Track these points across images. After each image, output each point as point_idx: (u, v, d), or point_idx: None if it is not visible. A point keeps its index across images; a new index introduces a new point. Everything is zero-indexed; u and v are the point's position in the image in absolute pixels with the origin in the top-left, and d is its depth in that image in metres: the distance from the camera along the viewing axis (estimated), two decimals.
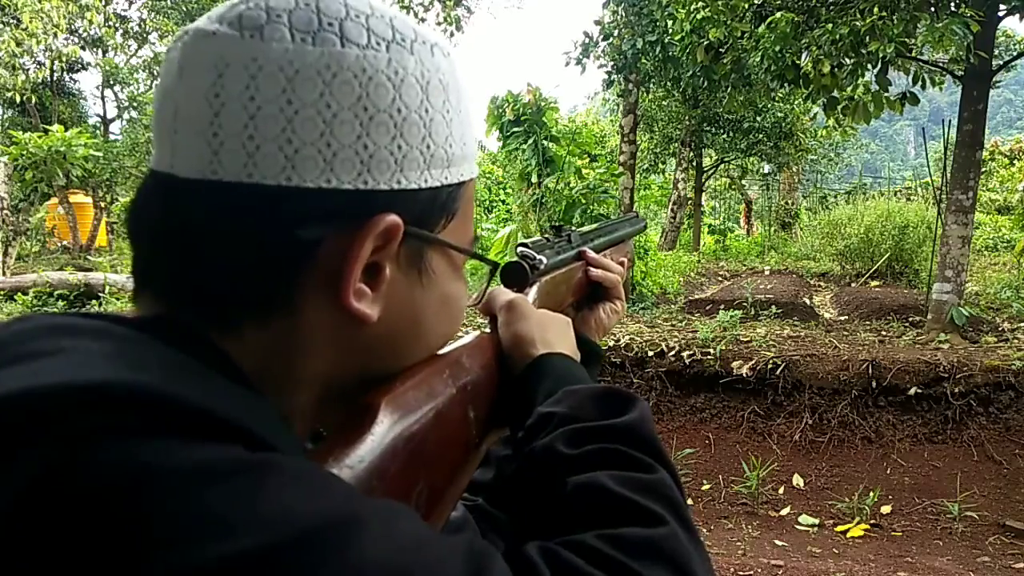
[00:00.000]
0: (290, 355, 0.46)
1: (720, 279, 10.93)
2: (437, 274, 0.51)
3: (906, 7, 5.35)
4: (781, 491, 4.53)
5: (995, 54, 6.15)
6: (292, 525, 0.32)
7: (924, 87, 6.24)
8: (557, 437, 0.52)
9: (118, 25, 17.50)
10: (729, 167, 17.78)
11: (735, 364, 5.06)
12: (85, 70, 19.00)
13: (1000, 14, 5.84)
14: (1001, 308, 6.98)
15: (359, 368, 0.49)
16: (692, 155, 15.11)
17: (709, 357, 5.13)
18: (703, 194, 17.19)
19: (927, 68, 6.23)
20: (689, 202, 15.51)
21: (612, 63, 10.06)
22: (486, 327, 0.70)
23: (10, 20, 13.12)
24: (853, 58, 5.68)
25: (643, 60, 9.83)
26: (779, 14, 5.74)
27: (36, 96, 15.23)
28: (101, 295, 7.55)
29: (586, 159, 8.62)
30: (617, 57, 9.83)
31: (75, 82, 20.41)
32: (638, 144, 11.74)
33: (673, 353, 5.21)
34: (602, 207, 7.87)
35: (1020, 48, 13.76)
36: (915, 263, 9.54)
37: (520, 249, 0.77)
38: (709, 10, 6.29)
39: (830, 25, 5.51)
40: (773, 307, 6.85)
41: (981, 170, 6.44)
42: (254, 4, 0.44)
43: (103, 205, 12.11)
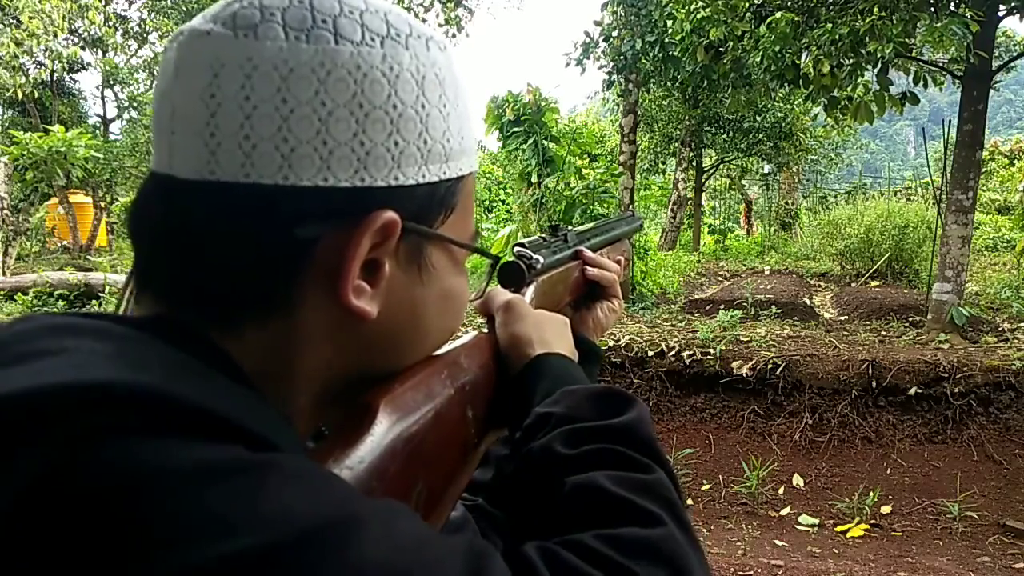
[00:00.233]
0: (290, 353, 0.46)
1: (720, 279, 10.92)
2: (437, 269, 0.51)
3: (906, 7, 5.35)
4: (781, 491, 4.53)
5: (995, 54, 6.15)
6: (292, 525, 0.32)
7: (926, 86, 6.24)
8: (555, 437, 0.52)
9: (118, 25, 17.49)
10: (729, 167, 17.77)
11: (735, 364, 5.06)
12: (85, 70, 18.99)
13: (1000, 14, 5.83)
14: (1001, 308, 6.98)
15: (360, 365, 0.49)
16: (692, 155, 15.11)
17: (709, 357, 5.13)
18: (703, 194, 17.19)
19: (927, 68, 6.22)
20: (689, 202, 15.51)
21: (612, 64, 10.07)
22: (484, 327, 0.70)
23: (10, 20, 13.12)
24: (853, 58, 5.68)
25: (643, 60, 9.83)
26: (779, 14, 5.74)
27: (36, 96, 15.23)
28: (101, 295, 7.54)
29: (586, 159, 8.62)
30: (617, 58, 9.83)
31: (75, 82, 20.40)
32: (638, 144, 11.74)
33: (673, 353, 5.21)
34: (602, 207, 7.86)
35: (1020, 48, 13.76)
36: (915, 263, 9.54)
37: (517, 249, 0.77)
38: (709, 10, 6.29)
39: (830, 25, 5.50)
40: (773, 307, 6.85)
41: (981, 170, 6.44)
42: (248, 3, 0.44)
43: (103, 205, 12.10)
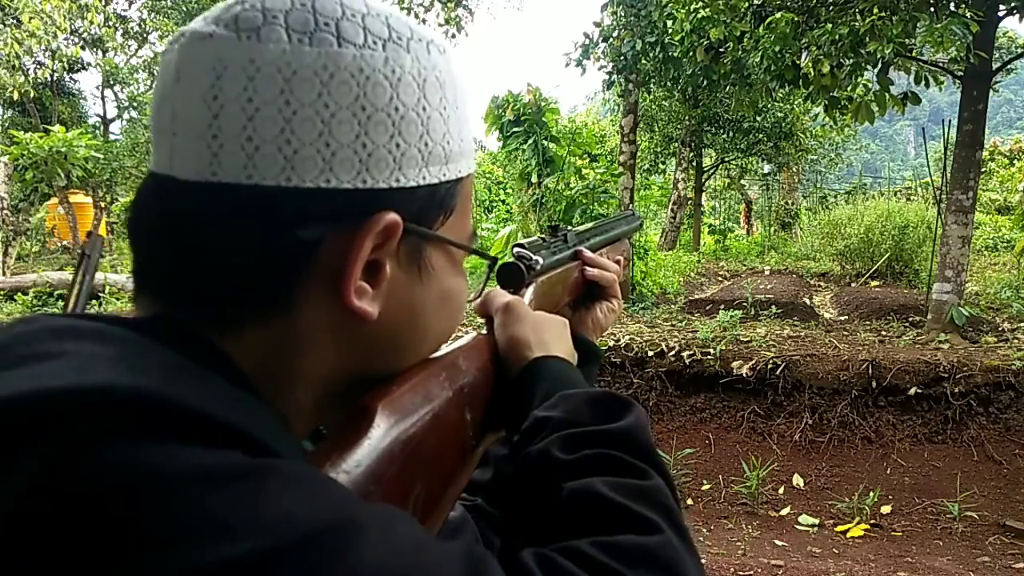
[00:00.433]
0: (291, 354, 0.46)
1: (720, 279, 10.92)
2: (436, 270, 0.52)
3: (906, 7, 5.34)
4: (781, 491, 4.53)
5: (995, 55, 6.15)
6: (292, 529, 0.32)
7: (928, 86, 6.23)
8: (553, 442, 0.52)
9: (118, 25, 17.49)
10: (729, 167, 17.76)
11: (735, 364, 5.06)
12: (85, 70, 19.02)
13: (1000, 14, 5.83)
14: (1001, 308, 6.98)
15: (360, 366, 0.50)
16: (692, 155, 15.10)
17: (709, 357, 5.13)
18: (703, 194, 17.18)
19: (927, 68, 6.22)
20: (689, 202, 15.50)
21: (612, 64, 10.06)
22: (483, 328, 0.70)
23: (10, 20, 13.12)
24: (853, 58, 5.68)
25: (643, 61, 9.83)
26: (779, 14, 5.74)
27: (36, 96, 15.23)
28: (101, 295, 7.54)
29: (586, 159, 8.62)
30: (617, 58, 9.83)
31: (75, 82, 20.41)
32: (638, 144, 11.74)
33: (673, 353, 5.21)
34: (602, 207, 7.86)
35: (1020, 48, 13.76)
36: (915, 263, 9.53)
37: (516, 250, 0.77)
38: (709, 10, 6.29)
39: (830, 25, 5.50)
40: (773, 307, 6.85)
41: (981, 170, 6.43)
42: (250, 5, 0.44)
43: (103, 205, 12.09)
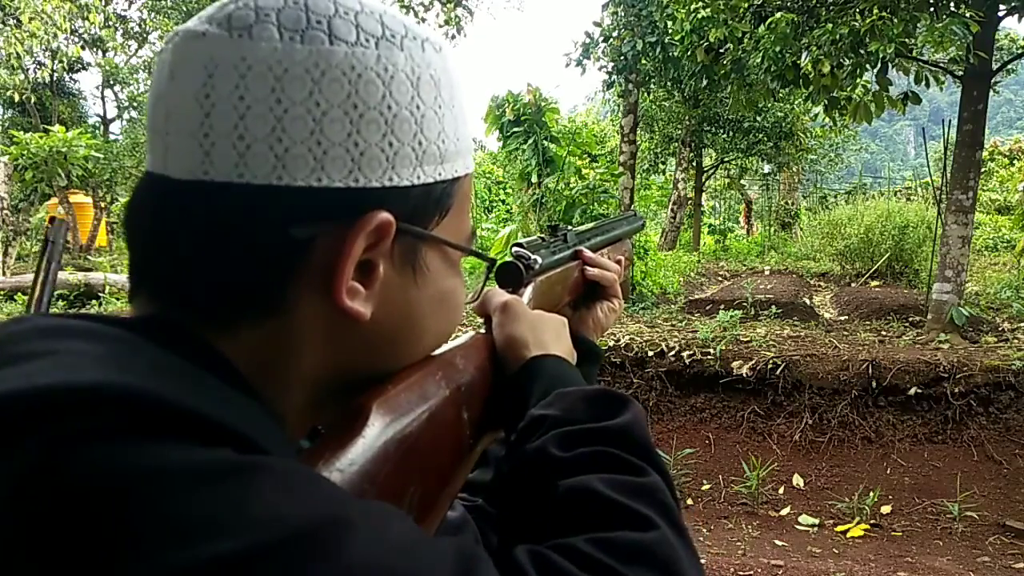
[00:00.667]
0: (285, 354, 0.46)
1: (720, 279, 10.92)
2: (432, 271, 0.51)
3: (906, 7, 5.34)
4: (781, 491, 4.53)
5: (995, 55, 6.15)
6: (282, 526, 0.32)
7: (928, 86, 6.23)
8: (549, 440, 0.52)
9: (118, 25, 17.51)
10: (729, 167, 17.76)
11: (735, 364, 5.05)
12: (85, 70, 19.02)
13: (1000, 14, 5.83)
14: (1001, 308, 6.97)
15: (355, 366, 0.49)
16: (692, 155, 15.11)
17: (709, 357, 5.13)
18: (703, 194, 17.19)
19: (927, 68, 6.22)
20: (689, 202, 15.51)
21: (612, 64, 10.07)
22: (482, 327, 0.70)
23: (10, 21, 13.12)
24: (853, 58, 5.68)
25: (643, 61, 9.84)
26: (779, 14, 5.74)
27: (36, 96, 15.24)
28: (101, 295, 7.55)
29: (586, 159, 8.63)
30: (617, 58, 9.84)
31: (75, 82, 20.43)
32: (638, 144, 11.75)
33: (673, 353, 5.21)
34: (602, 207, 7.87)
35: (1020, 48, 13.75)
36: (915, 263, 9.53)
37: (515, 249, 0.77)
38: (709, 10, 6.29)
39: (830, 25, 5.50)
40: (773, 307, 6.85)
41: (981, 170, 6.43)
42: (243, 3, 0.44)
43: (103, 205, 12.11)
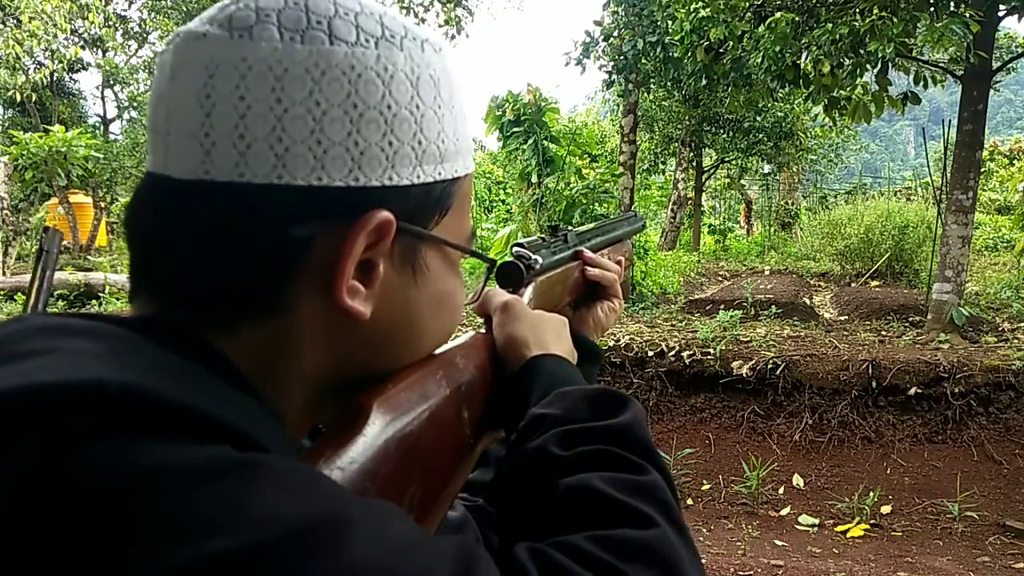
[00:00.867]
0: (285, 353, 0.46)
1: (720, 279, 10.92)
2: (431, 271, 0.51)
3: (906, 7, 5.34)
4: (781, 491, 4.53)
5: (995, 54, 6.15)
6: (282, 524, 0.32)
7: (926, 86, 6.23)
8: (549, 439, 0.52)
9: (118, 25, 17.51)
10: (729, 167, 17.77)
11: (735, 364, 5.05)
12: (85, 70, 19.02)
13: (1000, 14, 5.83)
14: (1001, 308, 6.97)
15: (355, 366, 0.49)
16: (692, 155, 15.11)
17: (709, 357, 5.13)
18: (703, 194, 17.19)
19: (927, 68, 6.22)
20: (689, 202, 15.51)
21: (612, 63, 10.06)
22: (483, 327, 0.70)
23: (10, 21, 13.12)
24: (853, 58, 5.68)
25: (643, 60, 9.82)
26: (779, 14, 5.74)
27: (36, 96, 15.24)
28: (101, 295, 7.55)
29: (586, 159, 8.63)
30: (617, 58, 9.83)
31: (75, 82, 20.42)
32: (638, 144, 11.74)
33: (673, 353, 5.21)
34: (602, 207, 7.87)
35: (1020, 48, 13.75)
36: (915, 263, 9.53)
37: (515, 249, 0.77)
38: (709, 10, 6.29)
39: (830, 25, 5.50)
40: (773, 307, 6.84)
41: (981, 170, 6.43)
42: (244, 4, 0.44)
43: (103, 205, 12.11)
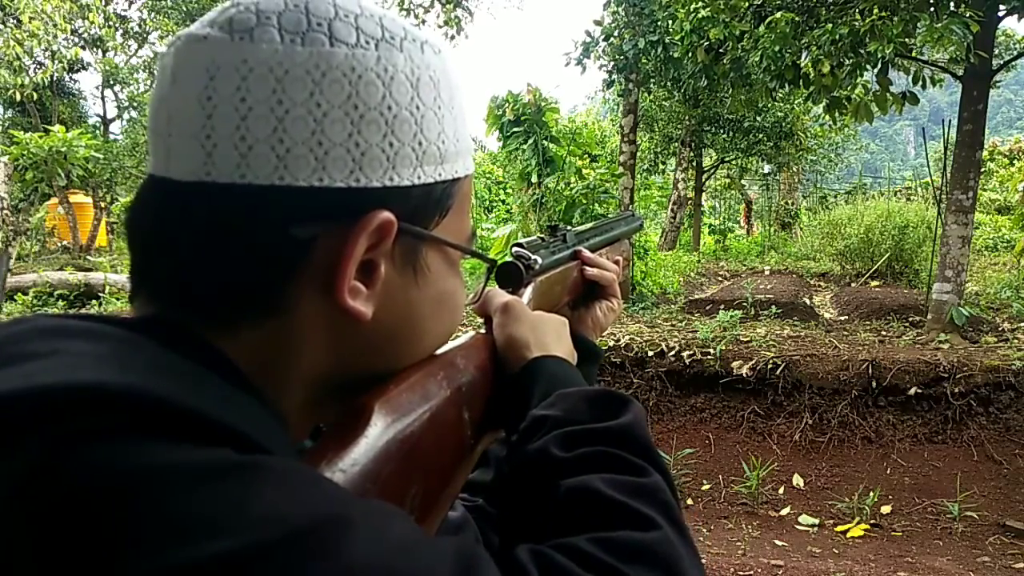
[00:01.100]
0: (286, 353, 0.46)
1: (720, 279, 10.92)
2: (432, 271, 0.51)
3: (906, 7, 5.34)
4: (781, 491, 4.53)
5: (995, 54, 6.15)
6: (283, 525, 0.32)
7: (924, 87, 6.23)
8: (550, 440, 0.52)
9: (118, 25, 17.49)
10: (729, 167, 17.77)
11: (735, 364, 5.05)
12: (85, 70, 18.99)
13: (1000, 14, 5.83)
14: (1001, 308, 6.97)
15: (356, 366, 0.49)
16: (692, 155, 15.11)
17: (709, 357, 5.13)
18: (703, 194, 17.19)
19: (927, 68, 6.22)
20: (689, 202, 15.51)
21: (612, 63, 10.05)
22: (482, 328, 0.70)
23: (11, 21, 13.11)
24: (853, 58, 5.68)
25: (644, 60, 9.82)
26: (779, 14, 5.74)
27: (36, 96, 15.23)
28: (101, 295, 7.56)
29: (586, 159, 8.63)
30: (618, 57, 9.82)
31: (75, 82, 20.39)
32: (638, 144, 11.74)
33: (673, 353, 5.21)
34: (602, 207, 7.86)
35: (1020, 48, 13.75)
36: (915, 263, 9.53)
37: (515, 249, 0.77)
38: (709, 10, 6.29)
39: (830, 25, 5.50)
40: (773, 307, 6.84)
41: (981, 170, 6.43)
42: (244, 7, 0.45)
43: (103, 205, 12.11)
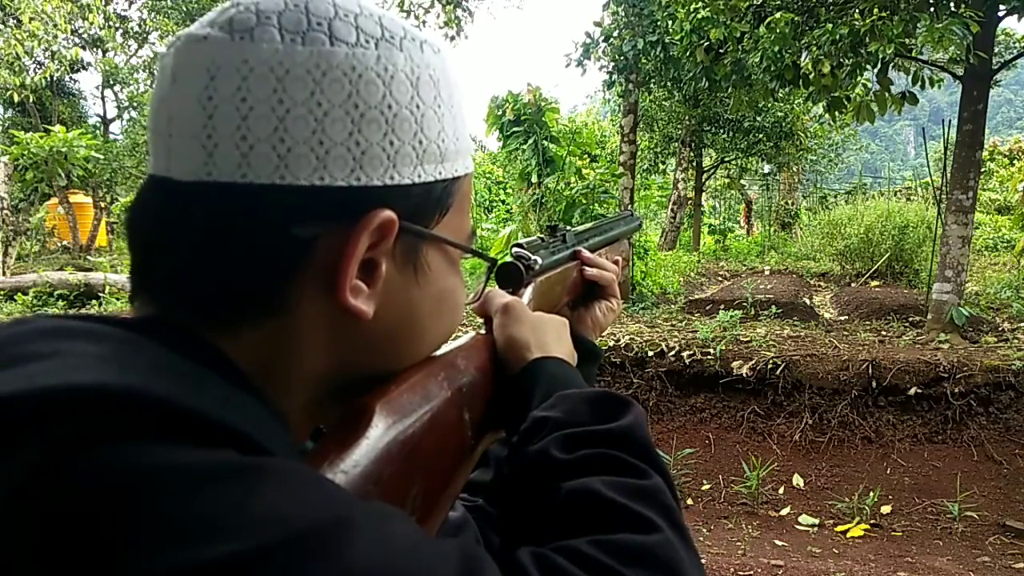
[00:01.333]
0: (287, 353, 0.46)
1: (720, 279, 10.92)
2: (433, 270, 0.51)
3: (906, 7, 5.34)
4: (781, 491, 4.53)
5: (995, 54, 6.14)
6: (283, 527, 0.32)
7: (924, 87, 6.23)
8: (551, 442, 0.52)
9: (118, 25, 17.49)
10: (729, 167, 17.77)
11: (735, 364, 5.05)
12: (85, 70, 18.98)
13: (1000, 14, 5.83)
14: (1001, 308, 6.97)
15: (357, 366, 0.49)
16: (692, 155, 15.11)
17: (709, 357, 5.13)
18: (703, 194, 17.19)
19: (927, 68, 6.22)
20: (689, 202, 15.51)
21: (612, 64, 10.05)
22: (483, 328, 0.70)
23: (10, 21, 13.10)
24: (853, 58, 5.68)
25: (643, 61, 9.81)
26: (778, 14, 5.74)
27: (36, 96, 15.23)
28: (101, 295, 7.55)
29: (586, 159, 8.63)
30: (618, 58, 9.81)
31: (75, 82, 20.38)
32: (638, 144, 11.73)
33: (673, 353, 5.21)
34: (602, 207, 7.87)
35: (1020, 48, 13.75)
36: (915, 263, 9.53)
37: (515, 250, 0.77)
38: (709, 10, 6.28)
39: (830, 25, 5.50)
40: (773, 307, 6.84)
41: (981, 170, 6.43)
42: (244, 7, 0.45)
43: (103, 205, 12.12)
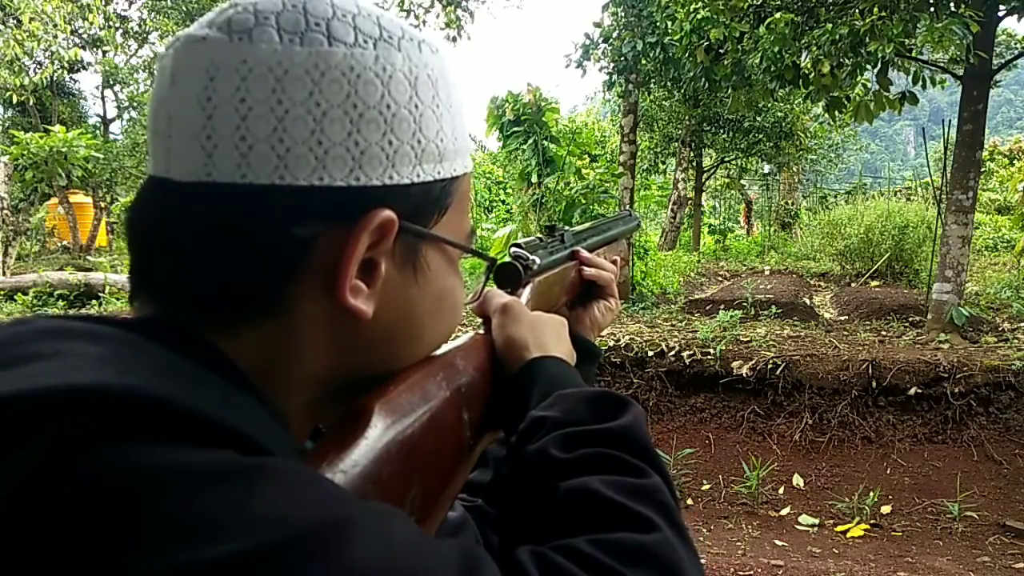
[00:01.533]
0: (287, 353, 0.46)
1: (720, 279, 10.92)
2: (432, 269, 0.52)
3: (906, 7, 5.34)
4: (781, 491, 4.53)
5: (995, 54, 6.14)
6: (283, 528, 0.32)
7: (924, 87, 6.23)
8: (550, 441, 0.52)
9: (118, 25, 17.49)
10: (729, 167, 17.77)
11: (735, 364, 5.05)
12: (85, 70, 18.98)
13: (1000, 14, 5.83)
14: (1001, 308, 6.97)
15: (356, 366, 0.49)
16: (692, 155, 15.11)
17: (709, 357, 5.13)
18: (703, 194, 17.19)
19: (927, 68, 6.22)
20: (689, 202, 15.51)
21: (612, 64, 10.05)
22: (481, 328, 0.70)
23: (10, 21, 13.10)
24: (853, 58, 5.68)
25: (643, 61, 9.81)
26: (778, 15, 5.74)
27: (36, 96, 15.23)
28: (101, 295, 7.55)
29: (586, 159, 8.63)
30: (617, 59, 9.81)
31: (75, 82, 20.38)
32: (638, 144, 11.73)
33: (673, 353, 5.21)
34: (602, 207, 7.86)
35: (1020, 48, 13.75)
36: (915, 263, 9.53)
37: (513, 250, 0.77)
38: (709, 11, 6.28)
39: (829, 25, 5.50)
40: (773, 307, 6.84)
41: (981, 170, 6.43)
42: (242, 8, 0.45)
43: (103, 205, 12.12)
